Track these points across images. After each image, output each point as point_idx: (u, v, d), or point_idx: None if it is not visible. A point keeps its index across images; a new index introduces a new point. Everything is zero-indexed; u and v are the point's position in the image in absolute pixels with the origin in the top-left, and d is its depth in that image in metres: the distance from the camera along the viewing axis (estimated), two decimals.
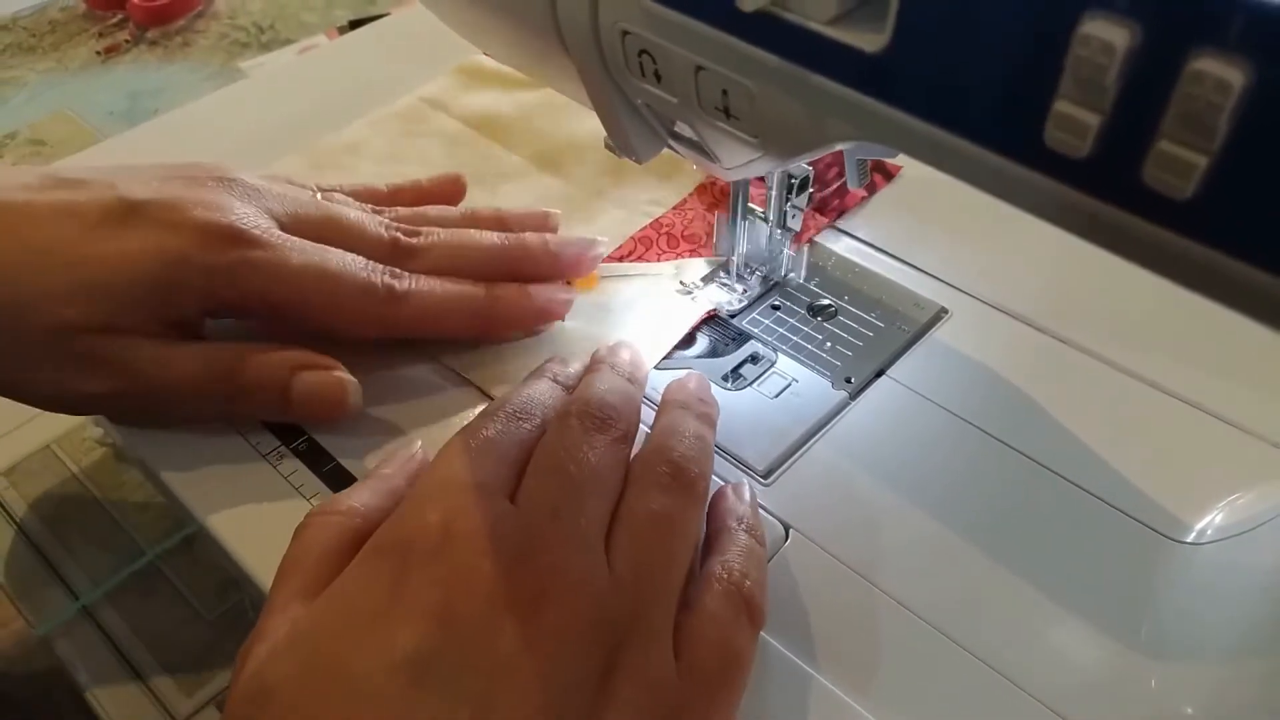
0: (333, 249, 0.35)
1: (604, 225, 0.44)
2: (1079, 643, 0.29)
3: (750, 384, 0.37)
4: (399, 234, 0.38)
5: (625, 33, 0.26)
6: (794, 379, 0.37)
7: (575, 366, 0.34)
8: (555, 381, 0.33)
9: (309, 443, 0.35)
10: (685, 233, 0.44)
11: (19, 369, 0.34)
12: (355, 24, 0.69)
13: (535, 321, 0.39)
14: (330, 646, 0.24)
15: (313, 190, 0.39)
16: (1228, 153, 0.16)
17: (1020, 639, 0.29)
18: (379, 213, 0.39)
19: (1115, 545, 0.31)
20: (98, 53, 0.70)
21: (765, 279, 0.41)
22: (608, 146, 0.34)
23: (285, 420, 0.36)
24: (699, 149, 0.30)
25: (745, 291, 0.40)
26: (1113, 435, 0.34)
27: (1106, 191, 0.18)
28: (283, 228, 0.35)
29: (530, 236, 0.40)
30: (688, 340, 0.39)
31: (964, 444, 0.35)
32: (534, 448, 0.29)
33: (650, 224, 0.44)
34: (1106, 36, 0.16)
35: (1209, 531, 0.32)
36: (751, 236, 0.40)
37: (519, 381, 0.33)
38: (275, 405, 0.35)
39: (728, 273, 0.41)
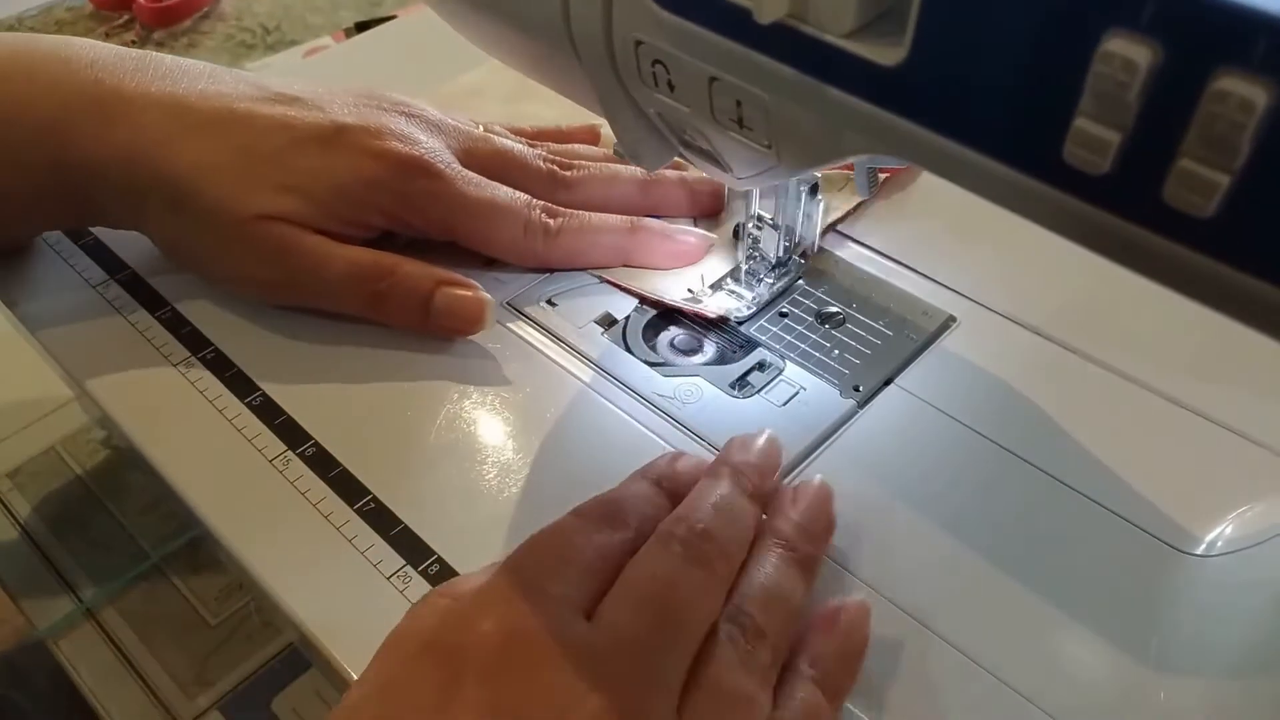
0: (501, 185, 0.40)
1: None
2: (1087, 655, 0.29)
3: (758, 391, 0.37)
4: (555, 167, 0.42)
5: (638, 43, 0.26)
6: (802, 387, 0.37)
7: (687, 464, 0.31)
8: (660, 486, 0.30)
9: (315, 448, 0.35)
10: None
11: (212, 251, 0.38)
12: (361, 26, 0.69)
13: (672, 261, 0.42)
14: None
15: (476, 125, 0.43)
16: (1250, 171, 0.16)
17: (1028, 651, 0.29)
18: (533, 146, 0.43)
19: (1124, 557, 0.31)
20: None
21: (774, 284, 0.41)
22: (617, 152, 0.34)
23: (421, 330, 0.38)
24: (711, 158, 0.30)
25: (754, 298, 0.40)
26: (1122, 446, 0.34)
27: (1126, 209, 0.18)
28: (459, 160, 0.40)
29: (669, 173, 0.43)
30: (695, 349, 0.39)
31: (972, 454, 0.34)
32: (621, 559, 0.27)
33: None
34: (1129, 54, 0.16)
35: (1219, 544, 0.31)
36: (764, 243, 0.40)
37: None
38: (416, 314, 0.38)
39: (736, 279, 0.41)
